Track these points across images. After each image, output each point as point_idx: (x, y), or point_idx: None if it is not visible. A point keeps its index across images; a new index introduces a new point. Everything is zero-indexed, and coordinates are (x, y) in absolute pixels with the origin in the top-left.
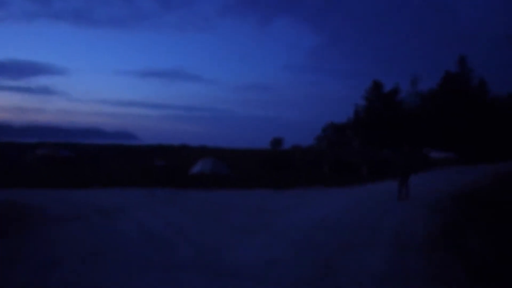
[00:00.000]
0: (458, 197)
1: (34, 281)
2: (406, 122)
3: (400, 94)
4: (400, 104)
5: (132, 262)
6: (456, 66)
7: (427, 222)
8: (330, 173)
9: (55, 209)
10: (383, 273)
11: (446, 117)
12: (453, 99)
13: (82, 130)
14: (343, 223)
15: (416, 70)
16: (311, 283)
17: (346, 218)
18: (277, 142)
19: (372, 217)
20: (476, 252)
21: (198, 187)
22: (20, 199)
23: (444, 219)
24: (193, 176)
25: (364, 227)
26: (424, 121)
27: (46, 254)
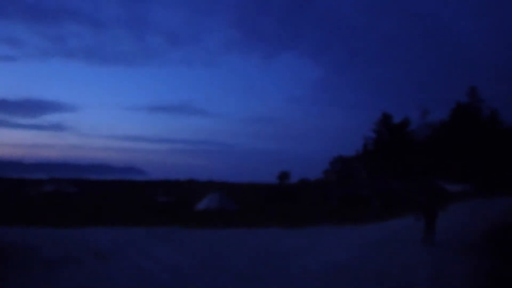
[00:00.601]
0: (494, 236)
1: None
2: (417, 153)
3: (410, 126)
4: (411, 135)
5: None
6: (466, 97)
7: (467, 272)
8: (340, 207)
9: (50, 251)
10: None
11: (458, 148)
12: (465, 129)
13: (90, 165)
14: (365, 271)
15: (425, 101)
16: None
17: (366, 264)
18: (284, 175)
19: (397, 264)
20: None
21: (203, 225)
22: (14, 238)
23: (487, 265)
24: (199, 213)
25: (389, 277)
26: (436, 152)
27: None
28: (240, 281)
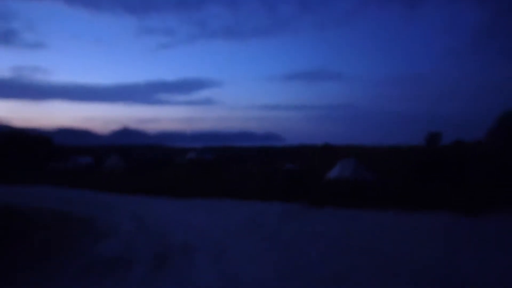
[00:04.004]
0: None
1: None
2: None
3: None
4: None
5: None
6: None
7: None
8: None
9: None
10: None
11: None
12: None
13: (236, 134)
14: None
15: None
16: None
17: None
18: (434, 137)
19: None
20: None
21: (332, 202)
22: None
23: None
24: (329, 183)
25: None
26: None
27: None
28: None
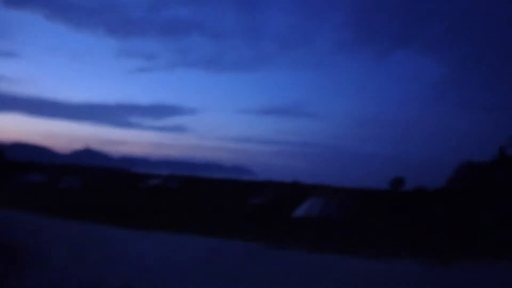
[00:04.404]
0: None
1: None
2: None
3: None
4: None
5: None
6: None
7: None
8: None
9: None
10: None
11: None
12: None
13: (205, 164)
14: None
15: None
16: None
17: None
18: (398, 182)
19: None
20: None
21: (298, 241)
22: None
23: None
24: (296, 221)
25: None
26: None
27: None
28: None
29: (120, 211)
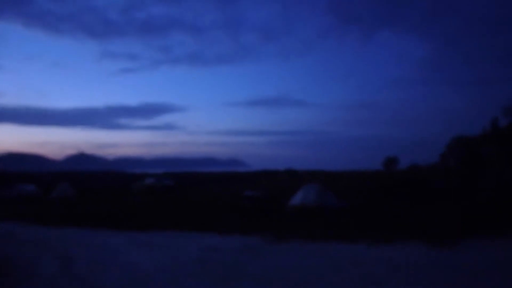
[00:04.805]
0: None
1: None
2: None
3: None
4: None
5: None
6: None
7: None
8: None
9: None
10: None
11: None
12: None
13: (198, 159)
14: None
15: None
16: None
17: None
18: (391, 161)
19: None
20: None
21: (297, 234)
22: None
23: None
24: (292, 210)
25: None
26: None
27: None
28: None
29: (113, 214)
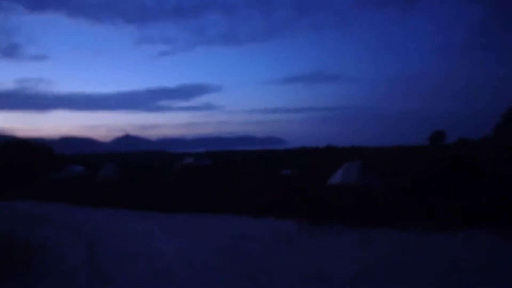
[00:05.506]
0: None
1: None
2: None
3: None
4: None
5: None
6: None
7: None
8: None
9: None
10: None
11: None
12: None
13: (237, 138)
14: None
15: None
16: None
17: None
18: (438, 136)
19: None
20: None
21: (337, 218)
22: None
23: None
24: (331, 190)
25: None
26: None
27: None
28: None
29: (148, 197)
